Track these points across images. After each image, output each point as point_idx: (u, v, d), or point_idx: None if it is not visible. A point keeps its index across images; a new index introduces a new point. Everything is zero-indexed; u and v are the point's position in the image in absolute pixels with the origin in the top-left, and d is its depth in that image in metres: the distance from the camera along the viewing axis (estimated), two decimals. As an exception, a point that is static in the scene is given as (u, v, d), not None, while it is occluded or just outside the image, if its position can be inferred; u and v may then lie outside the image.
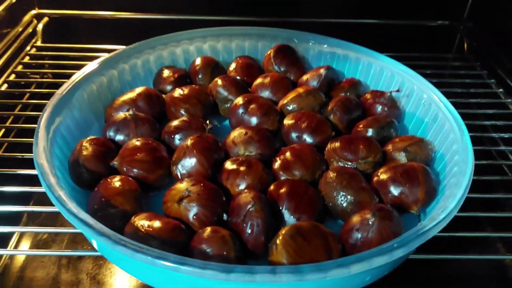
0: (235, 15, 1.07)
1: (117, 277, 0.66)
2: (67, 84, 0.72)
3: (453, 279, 0.69)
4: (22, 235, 0.73)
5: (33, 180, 0.71)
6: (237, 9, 1.09)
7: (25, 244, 0.72)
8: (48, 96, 0.86)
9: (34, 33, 1.07)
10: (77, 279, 0.66)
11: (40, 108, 0.91)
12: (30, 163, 0.68)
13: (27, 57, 1.01)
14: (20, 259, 0.70)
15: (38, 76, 1.01)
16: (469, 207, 0.61)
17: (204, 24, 0.93)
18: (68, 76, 0.77)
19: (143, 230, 0.53)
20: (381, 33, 1.14)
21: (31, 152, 0.60)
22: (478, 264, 0.70)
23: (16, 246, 0.72)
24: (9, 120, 0.86)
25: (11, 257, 0.70)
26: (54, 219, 0.76)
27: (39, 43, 1.07)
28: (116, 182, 0.60)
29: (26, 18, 1.07)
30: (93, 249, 0.67)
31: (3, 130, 0.83)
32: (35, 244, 0.72)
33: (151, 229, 0.53)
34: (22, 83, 0.95)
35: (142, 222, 0.54)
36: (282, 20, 1.08)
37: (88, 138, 0.66)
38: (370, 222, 0.54)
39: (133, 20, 1.10)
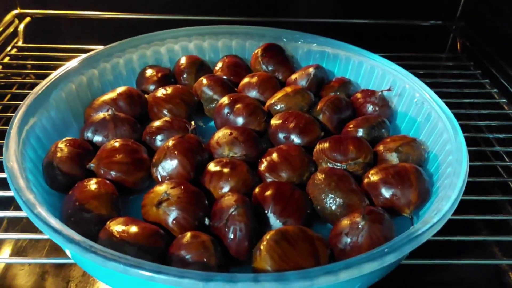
0: (223, 15, 1.05)
1: (102, 285, 0.63)
2: (43, 83, 0.69)
3: (448, 285, 0.66)
4: (2, 241, 0.70)
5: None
6: (225, 9, 1.07)
7: (6, 250, 0.70)
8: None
9: (15, 33, 1.04)
10: (56, 288, 0.63)
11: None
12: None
13: (7, 58, 0.98)
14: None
15: (20, 78, 0.98)
16: (463, 209, 0.59)
17: (191, 24, 0.91)
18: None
19: (118, 236, 0.50)
20: (373, 33, 1.13)
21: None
22: (473, 269, 0.68)
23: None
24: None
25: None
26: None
27: (20, 43, 1.04)
28: (92, 185, 0.57)
29: (7, 17, 1.04)
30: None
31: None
32: (15, 251, 0.70)
33: (126, 235, 0.50)
34: (2, 83, 0.92)
35: (117, 227, 0.51)
36: (271, 20, 1.05)
37: (64, 139, 0.63)
38: (360, 226, 0.52)
39: (118, 20, 1.07)
